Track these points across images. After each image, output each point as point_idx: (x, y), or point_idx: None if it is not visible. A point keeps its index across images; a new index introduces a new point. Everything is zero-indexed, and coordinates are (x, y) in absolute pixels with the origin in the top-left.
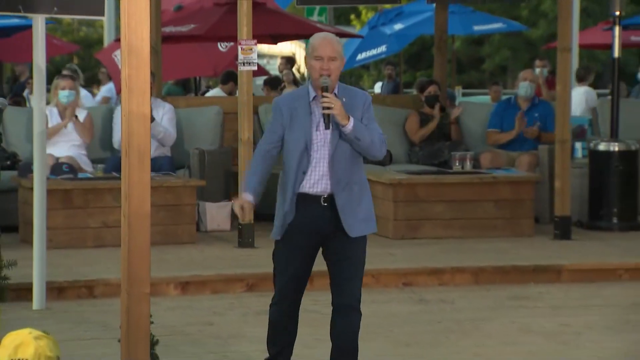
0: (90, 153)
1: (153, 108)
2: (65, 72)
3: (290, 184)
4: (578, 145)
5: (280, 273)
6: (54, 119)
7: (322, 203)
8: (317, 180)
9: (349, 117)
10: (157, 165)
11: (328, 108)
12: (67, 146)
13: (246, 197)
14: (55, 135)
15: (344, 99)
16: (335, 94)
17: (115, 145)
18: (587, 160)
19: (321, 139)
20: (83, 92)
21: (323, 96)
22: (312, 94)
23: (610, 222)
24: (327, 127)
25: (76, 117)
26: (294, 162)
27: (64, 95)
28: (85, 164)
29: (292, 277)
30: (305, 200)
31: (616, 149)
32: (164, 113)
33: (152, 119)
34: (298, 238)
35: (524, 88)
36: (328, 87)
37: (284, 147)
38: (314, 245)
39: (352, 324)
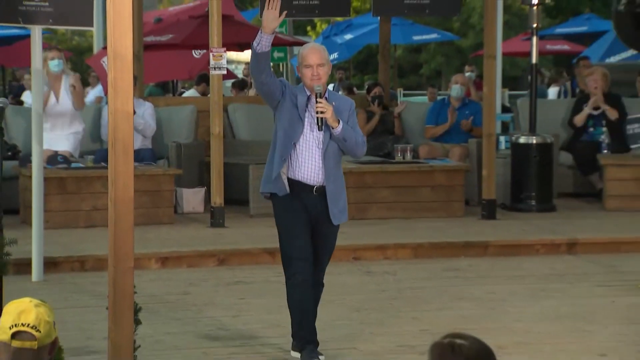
0: (82, 146)
1: (136, 106)
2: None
3: (277, 167)
4: (502, 138)
5: (287, 250)
6: (45, 87)
7: (314, 193)
8: (310, 172)
9: (338, 121)
10: (140, 156)
11: (322, 112)
12: (66, 134)
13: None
14: (54, 123)
15: (333, 103)
16: (326, 98)
17: (103, 138)
18: (509, 152)
19: (315, 137)
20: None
21: (318, 102)
22: (308, 93)
23: (529, 205)
24: (320, 129)
25: (73, 86)
26: (281, 146)
27: (54, 64)
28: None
29: (300, 250)
30: (298, 187)
31: (534, 141)
32: (145, 109)
33: (134, 112)
34: (296, 214)
35: (455, 90)
36: (321, 92)
37: (276, 116)
38: (308, 221)
39: (317, 296)
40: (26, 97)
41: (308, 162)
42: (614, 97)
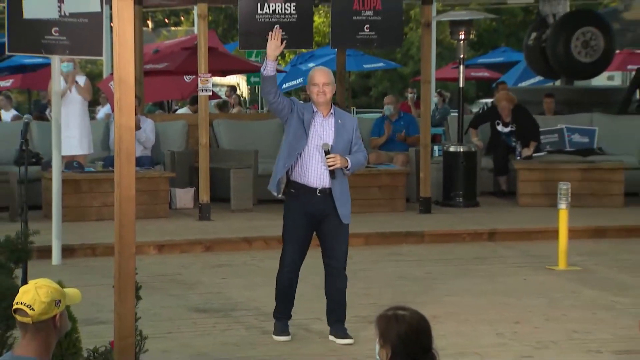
0: (93, 154)
1: (140, 122)
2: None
3: (280, 172)
4: (436, 147)
5: (286, 245)
6: (61, 84)
7: (317, 194)
8: (314, 177)
9: (347, 160)
10: (140, 162)
11: (333, 165)
12: (78, 131)
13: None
14: (67, 110)
15: (339, 121)
16: (331, 113)
17: (111, 147)
18: (442, 158)
19: (319, 147)
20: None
21: (327, 158)
22: (314, 109)
23: (457, 201)
24: (333, 178)
25: (77, 82)
26: (285, 156)
27: (64, 66)
28: (86, 146)
29: (295, 247)
30: (303, 189)
31: (461, 150)
32: (147, 125)
33: (139, 128)
34: (298, 217)
35: (387, 109)
36: (329, 150)
37: (285, 130)
38: (309, 223)
39: (341, 286)
40: (5, 115)
41: (312, 168)
42: (520, 110)
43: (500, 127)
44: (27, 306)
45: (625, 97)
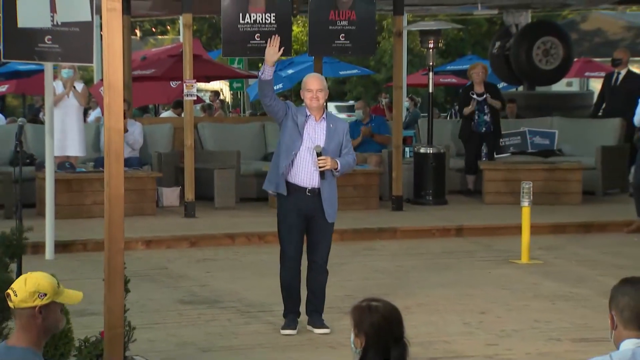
0: (85, 155)
1: (128, 125)
2: None
3: (280, 171)
4: (407, 149)
5: (283, 244)
6: (59, 89)
7: (307, 193)
8: (304, 177)
9: (337, 162)
10: (129, 162)
11: (324, 166)
12: (74, 133)
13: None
14: (65, 112)
15: (331, 125)
16: (324, 118)
17: (101, 148)
18: (412, 159)
19: (310, 150)
20: None
21: (319, 159)
22: (308, 113)
23: (427, 199)
24: (323, 178)
25: (74, 87)
26: (283, 156)
27: (64, 72)
28: (81, 149)
29: (292, 244)
30: (294, 188)
31: (431, 151)
32: (135, 128)
33: (126, 130)
34: (292, 216)
35: (358, 114)
36: (321, 152)
37: (280, 132)
38: (302, 220)
39: (322, 281)
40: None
41: (303, 169)
42: (491, 86)
43: (475, 96)
44: (12, 291)
45: (597, 101)
